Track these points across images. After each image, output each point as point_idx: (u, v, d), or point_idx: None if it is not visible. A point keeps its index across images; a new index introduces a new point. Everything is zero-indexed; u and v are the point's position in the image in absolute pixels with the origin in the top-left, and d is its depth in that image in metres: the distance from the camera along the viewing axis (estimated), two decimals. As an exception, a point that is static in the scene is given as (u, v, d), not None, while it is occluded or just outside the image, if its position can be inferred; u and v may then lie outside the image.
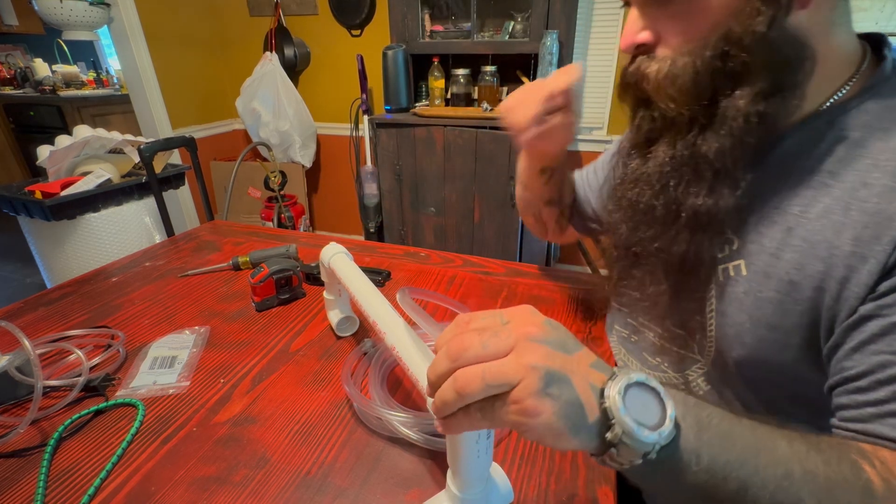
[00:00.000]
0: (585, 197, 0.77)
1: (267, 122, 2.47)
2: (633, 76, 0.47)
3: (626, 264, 0.54)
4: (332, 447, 0.50)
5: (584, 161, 2.25)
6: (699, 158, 0.44)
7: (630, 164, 0.52)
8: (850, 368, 0.39)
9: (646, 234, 0.50)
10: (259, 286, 0.75)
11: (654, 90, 0.45)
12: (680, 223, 0.46)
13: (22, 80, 3.51)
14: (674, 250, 0.47)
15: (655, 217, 0.48)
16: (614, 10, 1.96)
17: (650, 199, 0.48)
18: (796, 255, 0.42)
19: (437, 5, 2.04)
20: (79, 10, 2.01)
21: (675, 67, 0.43)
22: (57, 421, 0.53)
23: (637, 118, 0.49)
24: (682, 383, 0.56)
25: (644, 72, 0.45)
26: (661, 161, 0.47)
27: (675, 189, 0.46)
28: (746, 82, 0.41)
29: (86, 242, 1.53)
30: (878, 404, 0.37)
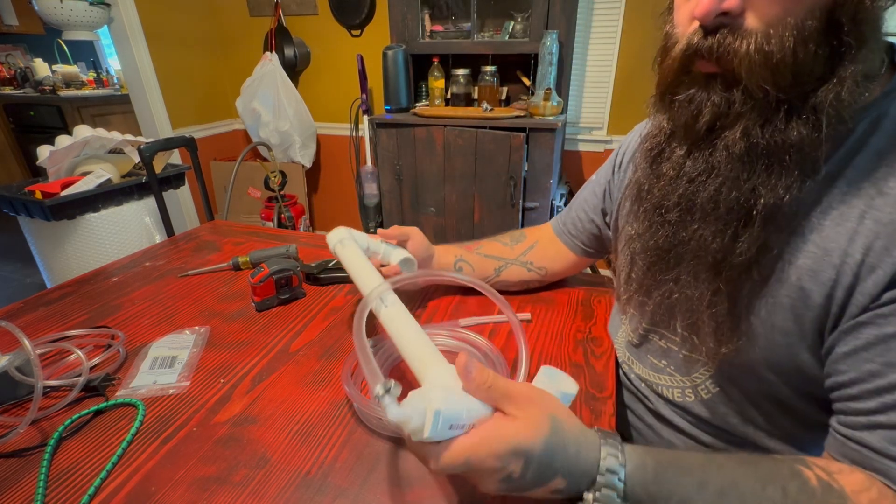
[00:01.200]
0: (581, 227, 0.75)
1: (267, 122, 2.47)
2: (712, 51, 0.39)
3: (660, 267, 0.50)
4: (332, 447, 0.50)
5: (584, 161, 2.25)
6: (786, 147, 0.39)
7: (674, 156, 0.46)
8: (843, 373, 0.40)
9: (700, 231, 0.45)
10: (259, 286, 0.75)
11: (746, 69, 0.38)
12: (752, 219, 0.41)
13: (22, 80, 3.51)
14: (738, 248, 0.43)
15: (717, 213, 0.43)
16: (614, 10, 1.96)
17: (713, 194, 0.43)
18: (809, 262, 0.41)
19: (437, 5, 2.04)
20: (79, 10, 2.01)
21: (772, 43, 0.36)
22: (57, 421, 0.53)
23: (695, 102, 0.42)
24: (689, 387, 0.55)
25: (731, 47, 0.38)
26: (734, 150, 0.41)
27: (749, 181, 0.41)
28: (848, 62, 0.36)
29: (86, 242, 1.53)
30: (868, 414, 0.39)
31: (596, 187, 0.72)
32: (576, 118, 2.19)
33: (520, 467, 0.34)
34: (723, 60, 0.39)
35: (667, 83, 0.45)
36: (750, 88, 0.39)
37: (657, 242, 0.49)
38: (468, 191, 1.92)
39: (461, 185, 1.92)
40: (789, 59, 0.36)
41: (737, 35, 0.38)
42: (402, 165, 2.01)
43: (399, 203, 2.10)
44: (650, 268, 0.51)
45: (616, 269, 0.68)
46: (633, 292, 0.56)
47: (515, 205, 1.83)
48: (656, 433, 0.61)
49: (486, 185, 1.86)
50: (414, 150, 1.95)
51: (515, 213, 1.84)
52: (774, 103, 0.39)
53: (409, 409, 0.34)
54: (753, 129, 0.40)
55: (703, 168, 0.44)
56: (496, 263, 0.78)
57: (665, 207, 0.48)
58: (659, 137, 0.49)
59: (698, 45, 0.40)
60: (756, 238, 0.42)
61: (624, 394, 0.66)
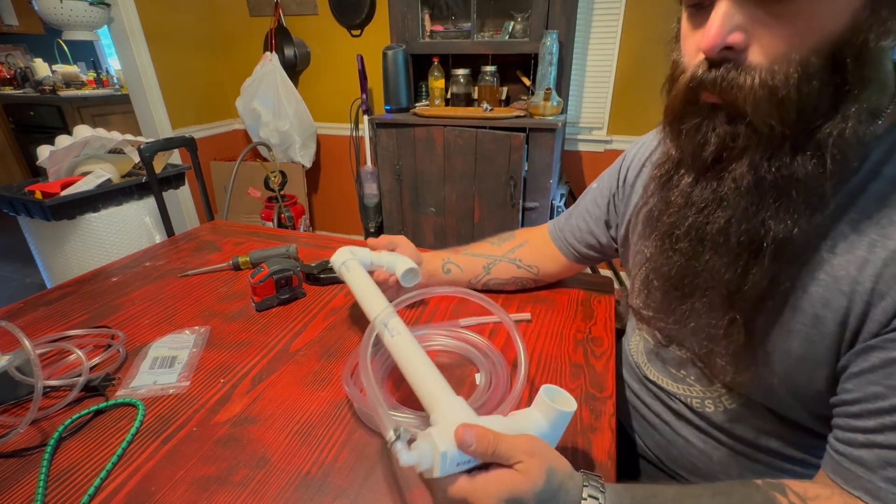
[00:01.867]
0: (579, 236, 0.74)
1: (267, 122, 2.47)
2: (716, 84, 0.39)
3: (674, 296, 0.50)
4: (332, 447, 0.50)
5: (584, 161, 2.25)
6: (793, 182, 0.39)
7: (682, 184, 0.47)
8: (848, 392, 0.41)
9: (712, 263, 0.45)
10: (259, 286, 0.75)
11: (751, 104, 0.38)
12: (763, 251, 0.42)
13: (22, 80, 3.51)
14: (749, 280, 0.43)
15: (728, 245, 0.43)
16: (614, 10, 1.96)
17: (724, 226, 0.43)
18: (821, 290, 0.42)
19: (437, 5, 2.04)
20: (79, 10, 2.01)
21: (776, 79, 0.37)
22: (57, 421, 0.53)
23: (702, 132, 0.42)
24: (710, 398, 0.56)
25: (735, 81, 0.38)
26: (742, 183, 0.41)
27: (758, 214, 0.41)
28: (853, 100, 0.37)
29: (86, 242, 1.53)
30: (866, 433, 0.39)
31: (599, 198, 0.71)
32: (576, 118, 2.19)
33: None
34: (726, 94, 0.39)
35: (674, 112, 0.45)
36: (754, 123, 0.39)
37: (670, 271, 0.49)
38: (468, 191, 1.92)
39: (461, 185, 1.92)
40: (793, 96, 0.37)
41: (741, 70, 0.38)
42: (402, 165, 2.01)
43: (399, 203, 2.10)
44: (665, 294, 0.51)
45: (628, 282, 0.68)
46: (653, 312, 0.56)
47: (515, 205, 1.83)
48: (674, 430, 0.61)
49: (486, 185, 1.86)
50: (414, 150, 1.95)
51: (515, 213, 1.84)
52: (779, 138, 0.39)
53: (418, 453, 0.36)
54: (760, 163, 0.40)
55: (710, 198, 0.44)
56: (484, 261, 0.79)
57: (676, 236, 0.48)
58: (668, 165, 0.49)
59: (703, 78, 0.40)
60: (767, 271, 0.42)
61: (641, 392, 0.66)
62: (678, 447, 0.61)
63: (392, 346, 0.50)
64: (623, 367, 0.70)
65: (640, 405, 0.66)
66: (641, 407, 0.66)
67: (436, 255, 0.79)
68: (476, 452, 0.37)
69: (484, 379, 0.58)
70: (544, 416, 0.41)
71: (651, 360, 0.63)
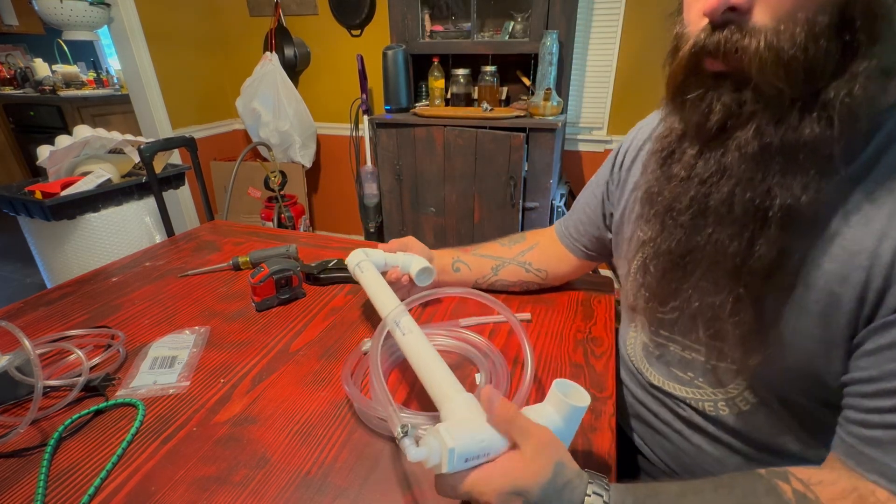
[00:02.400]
0: (582, 230, 0.74)
1: (267, 122, 2.47)
2: (719, 48, 0.38)
3: (674, 275, 0.48)
4: (332, 447, 0.50)
5: (584, 161, 2.25)
6: (800, 146, 0.38)
7: (685, 157, 0.45)
8: (862, 370, 0.40)
9: (716, 236, 0.43)
10: (259, 286, 0.75)
11: (757, 67, 0.37)
12: (769, 221, 0.40)
13: (22, 80, 3.51)
14: (756, 252, 0.41)
15: (732, 216, 0.42)
16: (614, 10, 1.96)
17: (727, 196, 0.42)
18: (836, 265, 0.40)
19: (437, 5, 2.04)
20: (79, 10, 2.01)
21: (782, 39, 0.36)
22: (57, 421, 0.53)
23: (706, 101, 0.41)
24: (722, 399, 0.53)
25: (740, 44, 0.37)
26: (747, 150, 0.40)
27: (764, 182, 0.40)
28: (861, 57, 0.35)
29: (86, 242, 1.53)
30: (882, 413, 0.38)
31: (595, 189, 0.71)
32: (576, 118, 2.19)
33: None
34: (730, 58, 0.38)
35: (677, 83, 0.44)
36: (761, 87, 0.38)
37: (670, 247, 0.48)
38: (468, 191, 1.92)
39: (461, 185, 1.92)
40: (800, 56, 0.35)
41: (745, 32, 0.37)
42: (402, 165, 2.00)
43: (399, 203, 2.10)
44: (665, 274, 0.50)
45: (620, 275, 0.67)
46: (647, 300, 0.54)
47: (515, 205, 1.83)
48: (685, 438, 0.58)
49: (486, 185, 1.86)
50: (414, 150, 1.95)
51: (515, 213, 1.84)
52: (787, 101, 0.38)
53: (427, 449, 0.36)
54: (766, 128, 0.39)
55: (714, 169, 0.42)
56: (493, 262, 0.78)
57: (677, 210, 0.46)
58: (670, 138, 0.48)
59: (705, 42, 0.39)
60: (774, 241, 0.41)
61: (646, 399, 0.63)
62: (690, 455, 0.58)
63: (403, 344, 0.51)
64: (622, 372, 0.68)
65: (646, 412, 0.63)
66: (647, 414, 0.63)
67: (445, 253, 0.79)
68: (496, 414, 0.37)
69: (484, 379, 0.58)
70: (557, 411, 0.41)
71: (652, 364, 0.60)
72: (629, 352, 0.65)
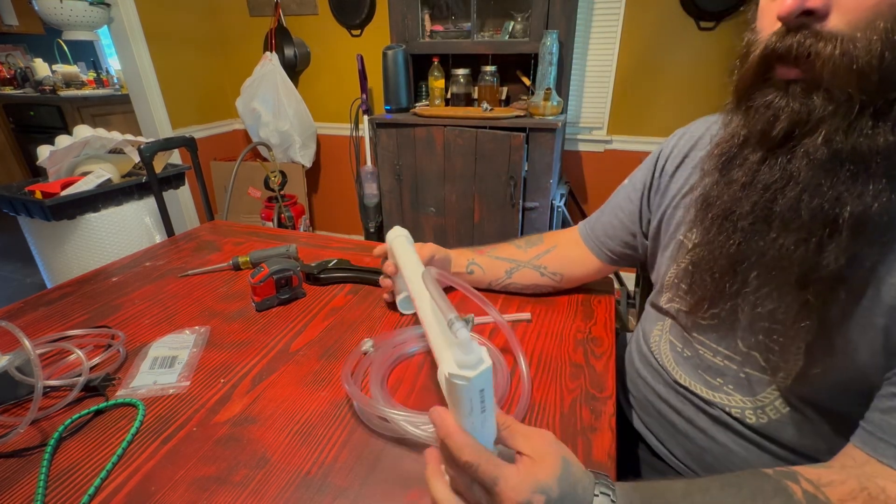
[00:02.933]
0: (612, 234, 0.72)
1: (267, 122, 2.47)
2: (791, 52, 0.38)
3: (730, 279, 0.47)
4: (332, 447, 0.50)
5: (584, 161, 2.25)
6: (872, 154, 0.37)
7: (748, 163, 0.44)
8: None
9: (780, 241, 0.42)
10: (259, 286, 0.75)
11: (830, 73, 0.37)
12: (839, 227, 0.39)
13: (22, 80, 3.51)
14: (825, 259, 0.40)
15: (799, 221, 0.41)
16: (614, 10, 1.96)
17: (794, 202, 0.40)
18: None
19: (437, 5, 2.04)
20: (79, 10, 2.01)
21: (858, 47, 0.35)
22: (57, 421, 0.53)
23: (773, 108, 0.41)
24: (750, 408, 0.53)
25: (813, 48, 0.37)
26: (816, 157, 0.39)
27: (833, 188, 0.39)
28: None
29: (86, 242, 1.53)
30: None
31: (631, 193, 0.69)
32: (576, 118, 2.19)
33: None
34: (802, 62, 0.38)
35: (744, 88, 0.44)
36: (832, 92, 0.37)
37: (727, 251, 0.47)
38: (468, 191, 1.92)
39: (461, 185, 1.92)
40: (875, 64, 0.35)
41: (819, 37, 0.37)
42: (402, 165, 2.00)
43: (399, 203, 2.10)
44: (714, 280, 0.49)
45: (654, 279, 0.66)
46: (688, 305, 0.54)
47: (515, 205, 1.83)
48: (711, 437, 0.57)
49: (486, 185, 1.86)
50: (414, 150, 1.95)
51: (515, 213, 1.84)
52: (858, 107, 0.37)
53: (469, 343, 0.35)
54: (836, 135, 0.38)
55: (779, 175, 0.42)
56: (507, 265, 0.78)
57: (737, 215, 0.45)
58: (731, 143, 0.47)
59: (776, 46, 0.39)
60: (844, 248, 0.39)
61: (669, 396, 0.62)
62: (714, 454, 0.57)
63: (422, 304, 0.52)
64: (643, 369, 0.67)
65: (668, 410, 0.62)
66: (669, 412, 0.62)
67: (462, 254, 0.79)
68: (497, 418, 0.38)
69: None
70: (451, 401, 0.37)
71: (680, 364, 0.59)
72: (653, 348, 0.65)
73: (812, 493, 0.38)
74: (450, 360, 0.35)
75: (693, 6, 1.82)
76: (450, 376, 0.35)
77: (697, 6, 1.81)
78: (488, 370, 0.35)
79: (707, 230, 0.49)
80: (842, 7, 0.36)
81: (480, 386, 0.35)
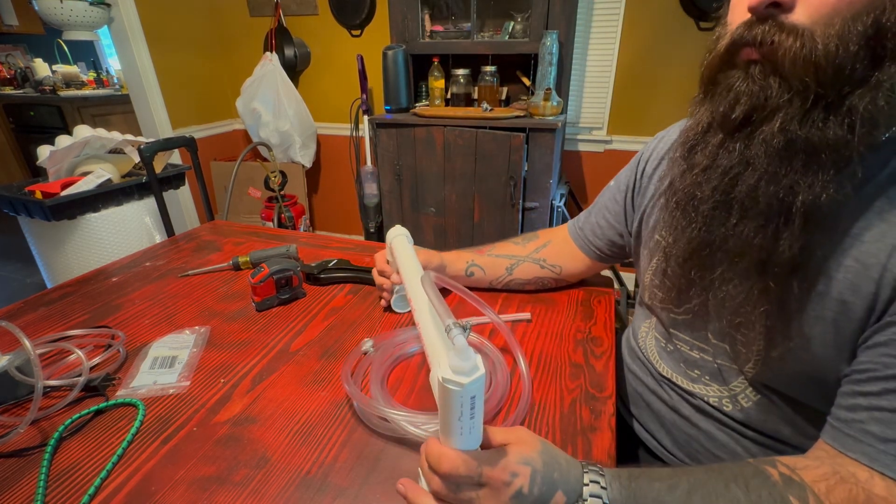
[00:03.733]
0: (600, 233, 0.74)
1: (267, 122, 2.47)
2: (756, 39, 0.40)
3: (695, 264, 0.49)
4: (332, 447, 0.50)
5: (584, 161, 2.25)
6: (822, 146, 0.39)
7: (708, 147, 0.46)
8: (859, 363, 0.42)
9: (740, 227, 0.44)
10: (259, 286, 0.75)
11: (790, 61, 0.39)
12: (793, 216, 0.41)
13: (22, 80, 3.51)
14: (780, 246, 0.42)
15: (757, 209, 0.43)
16: (614, 10, 1.96)
17: (752, 188, 0.42)
18: (850, 276, 0.42)
19: (437, 5, 2.04)
20: (79, 10, 2.01)
21: (817, 40, 0.38)
22: (57, 421, 0.53)
23: (733, 91, 0.42)
24: (726, 397, 0.55)
25: (776, 38, 0.39)
26: (772, 144, 0.41)
27: (787, 177, 0.41)
28: (888, 70, 0.37)
29: (86, 242, 1.53)
30: (869, 396, 0.40)
31: (616, 194, 0.71)
32: (576, 118, 2.19)
33: (528, 480, 0.37)
34: (765, 49, 0.40)
35: (710, 75, 0.46)
36: (789, 79, 0.39)
37: (690, 236, 0.49)
38: (468, 191, 1.92)
39: (461, 185, 1.92)
40: (832, 58, 0.37)
41: (783, 28, 0.39)
42: (402, 165, 2.00)
43: (399, 203, 2.10)
44: (683, 265, 0.51)
45: (637, 276, 0.68)
46: (662, 301, 0.56)
47: (515, 205, 1.83)
48: (695, 424, 0.60)
49: (486, 185, 1.86)
50: (414, 150, 1.95)
51: (515, 213, 1.84)
52: (813, 98, 0.39)
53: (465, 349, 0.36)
54: (791, 124, 0.40)
55: (737, 160, 0.43)
56: (508, 262, 0.78)
57: (698, 199, 0.47)
58: (695, 130, 0.49)
59: (744, 34, 0.41)
60: (797, 237, 0.42)
61: (656, 388, 0.64)
62: (700, 442, 0.60)
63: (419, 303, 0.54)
64: (632, 363, 0.70)
65: (655, 400, 0.65)
66: (656, 402, 0.64)
67: (459, 258, 0.78)
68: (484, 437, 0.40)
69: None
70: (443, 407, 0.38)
71: (663, 357, 0.63)
72: (641, 344, 0.67)
73: (787, 474, 0.40)
74: (445, 365, 0.36)
75: (693, 6, 1.82)
76: (443, 381, 0.35)
77: (697, 6, 1.81)
78: (481, 378, 0.36)
79: (672, 216, 0.51)
80: (806, 2, 0.38)
81: (472, 393, 0.36)
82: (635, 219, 0.67)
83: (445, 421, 0.37)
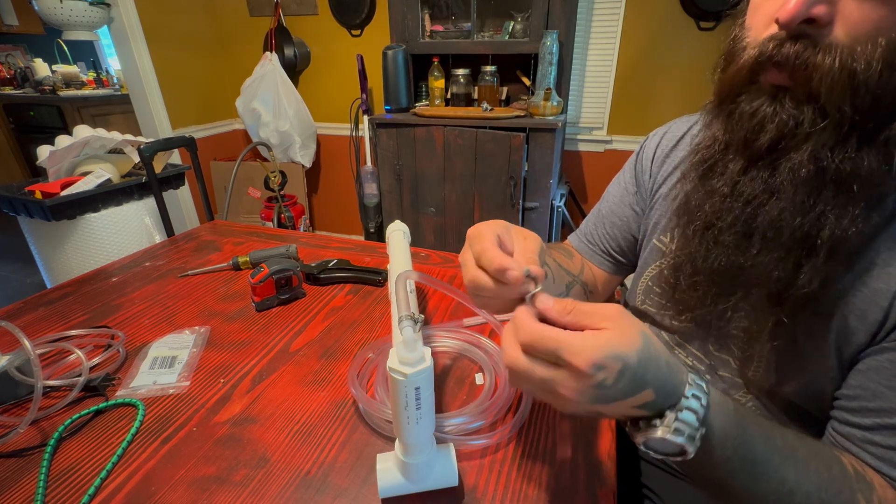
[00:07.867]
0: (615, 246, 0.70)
1: (267, 122, 2.47)
2: (788, 62, 0.36)
3: (707, 290, 0.47)
4: (332, 447, 0.50)
5: (584, 161, 2.25)
6: (855, 177, 0.36)
7: (728, 172, 0.43)
8: (850, 386, 0.42)
9: (760, 258, 0.41)
10: (259, 286, 0.75)
11: (827, 87, 0.35)
12: (817, 249, 0.38)
13: (22, 80, 3.51)
14: (800, 280, 0.40)
15: (780, 240, 0.40)
16: (614, 10, 1.96)
17: (776, 219, 0.40)
18: (859, 301, 0.40)
19: (437, 5, 2.04)
20: (79, 10, 2.01)
21: (859, 61, 0.34)
22: (57, 421, 0.53)
23: (758, 117, 0.39)
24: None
25: (811, 60, 0.35)
26: (800, 173, 0.37)
27: (814, 208, 0.38)
28: None
29: (86, 242, 1.53)
30: (864, 430, 0.40)
31: (624, 197, 0.67)
32: (576, 118, 2.19)
33: (614, 375, 0.30)
34: (798, 74, 0.36)
35: (729, 91, 0.42)
36: (825, 107, 0.36)
37: (710, 265, 0.45)
38: (468, 191, 1.92)
39: (461, 185, 1.92)
40: (873, 81, 0.34)
41: (819, 48, 0.35)
42: (402, 165, 2.00)
43: (399, 203, 2.10)
44: (697, 290, 0.48)
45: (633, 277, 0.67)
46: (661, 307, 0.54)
47: (515, 205, 1.83)
48: None
49: (486, 185, 1.86)
50: (414, 150, 1.95)
51: (515, 214, 1.84)
52: (848, 126, 0.36)
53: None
54: (822, 153, 0.37)
55: (761, 189, 0.40)
56: (568, 279, 0.68)
57: (718, 228, 0.44)
58: (712, 149, 0.45)
59: (773, 54, 0.37)
60: (819, 270, 0.39)
61: None
62: None
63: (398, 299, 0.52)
64: None
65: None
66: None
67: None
68: (555, 313, 0.33)
69: (488, 379, 0.58)
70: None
71: None
72: None
73: (860, 470, 0.39)
74: (393, 355, 0.38)
75: (693, 6, 1.82)
76: (389, 370, 0.38)
77: (697, 6, 1.81)
78: (427, 370, 0.37)
79: (687, 239, 0.48)
80: (845, 18, 0.34)
81: (416, 384, 0.37)
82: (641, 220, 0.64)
83: (394, 411, 0.39)
